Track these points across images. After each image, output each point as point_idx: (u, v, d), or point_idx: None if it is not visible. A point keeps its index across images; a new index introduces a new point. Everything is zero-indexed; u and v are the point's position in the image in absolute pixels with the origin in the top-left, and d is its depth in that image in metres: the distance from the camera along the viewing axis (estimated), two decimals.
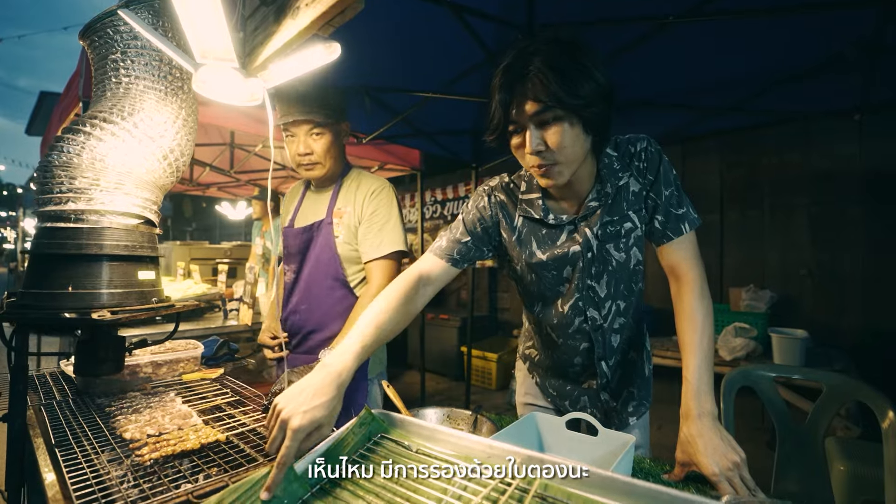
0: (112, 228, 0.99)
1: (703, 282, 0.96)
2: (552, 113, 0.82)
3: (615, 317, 1.06)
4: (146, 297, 1.03)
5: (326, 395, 0.75)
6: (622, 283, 1.03)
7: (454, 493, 0.62)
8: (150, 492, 0.77)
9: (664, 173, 0.96)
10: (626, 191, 0.98)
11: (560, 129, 0.82)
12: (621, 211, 0.98)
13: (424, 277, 1.02)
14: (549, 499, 0.59)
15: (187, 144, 1.18)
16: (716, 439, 0.79)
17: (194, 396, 1.29)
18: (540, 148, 0.84)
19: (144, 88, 1.11)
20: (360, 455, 0.75)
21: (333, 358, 0.82)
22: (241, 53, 0.83)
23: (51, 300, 0.92)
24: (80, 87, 2.05)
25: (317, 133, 1.43)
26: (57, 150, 0.98)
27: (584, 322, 1.06)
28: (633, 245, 1.01)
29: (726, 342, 2.66)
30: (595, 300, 1.04)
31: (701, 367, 0.88)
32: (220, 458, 0.91)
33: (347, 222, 1.47)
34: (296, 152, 1.44)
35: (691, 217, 0.97)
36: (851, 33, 1.78)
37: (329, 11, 0.61)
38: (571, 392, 1.16)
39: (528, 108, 0.82)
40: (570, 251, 1.00)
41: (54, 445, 0.93)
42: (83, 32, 1.14)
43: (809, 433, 1.46)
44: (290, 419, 0.71)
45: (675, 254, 0.97)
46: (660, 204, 0.97)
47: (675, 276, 0.98)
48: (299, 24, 0.67)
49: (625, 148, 0.99)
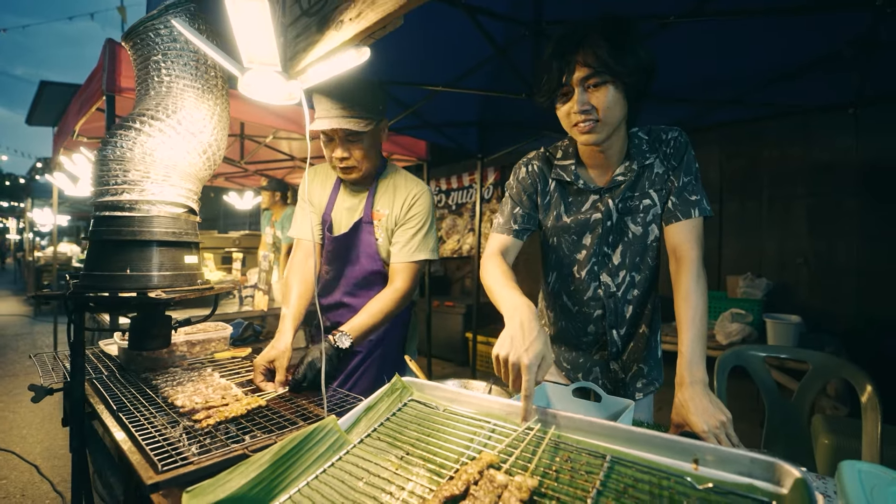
0: (161, 217, 1.09)
1: (701, 264, 1.05)
2: (600, 77, 0.95)
3: (629, 287, 1.17)
4: (192, 280, 1.14)
5: (535, 330, 0.83)
6: (637, 256, 1.14)
7: (480, 441, 0.73)
8: (210, 446, 0.88)
9: (687, 162, 1.08)
10: (650, 171, 1.10)
11: (605, 90, 0.96)
12: (643, 188, 1.10)
13: (503, 252, 1.17)
14: (562, 445, 0.70)
15: (222, 139, 1.27)
16: (705, 402, 0.89)
17: (229, 372, 1.41)
18: (586, 107, 0.97)
19: (184, 87, 1.20)
20: (394, 415, 0.86)
21: (520, 299, 0.93)
22: (282, 58, 0.92)
23: (111, 281, 1.03)
24: (103, 81, 2.13)
25: (353, 139, 1.38)
26: (111, 145, 1.07)
27: (599, 287, 1.17)
28: (650, 221, 1.12)
29: (723, 327, 2.77)
30: (609, 267, 1.16)
31: (694, 341, 0.97)
32: (265, 422, 1.02)
33: (385, 225, 1.48)
34: (332, 155, 1.40)
35: (703, 206, 1.07)
36: (848, 30, 1.86)
37: (372, 27, 0.70)
38: (584, 364, 1.25)
39: (579, 72, 0.96)
40: (591, 217, 1.14)
41: (116, 411, 1.05)
42: (126, 35, 1.22)
43: (796, 408, 1.57)
44: (520, 359, 0.78)
45: (679, 234, 1.06)
46: (676, 187, 1.07)
47: (675, 256, 1.07)
48: (343, 36, 0.76)
49: (657, 134, 1.11)
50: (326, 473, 0.71)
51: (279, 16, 0.95)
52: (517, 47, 2.08)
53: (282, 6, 0.92)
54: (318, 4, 0.82)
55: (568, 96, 1.00)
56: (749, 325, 2.75)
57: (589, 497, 0.57)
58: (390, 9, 0.66)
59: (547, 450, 0.69)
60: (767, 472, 0.56)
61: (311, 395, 1.19)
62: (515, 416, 0.78)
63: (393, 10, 0.65)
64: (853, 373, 1.47)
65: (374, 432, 0.80)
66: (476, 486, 0.60)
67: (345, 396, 1.16)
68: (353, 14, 0.73)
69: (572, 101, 0.99)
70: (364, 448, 0.76)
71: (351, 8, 0.73)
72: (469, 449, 0.71)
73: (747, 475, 0.57)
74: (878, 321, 3.01)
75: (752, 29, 1.87)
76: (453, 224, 6.09)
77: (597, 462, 0.65)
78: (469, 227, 5.87)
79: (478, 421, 0.79)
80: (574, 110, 0.99)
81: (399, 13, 0.65)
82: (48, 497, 2.45)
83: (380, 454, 0.74)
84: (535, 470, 0.63)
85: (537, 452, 0.67)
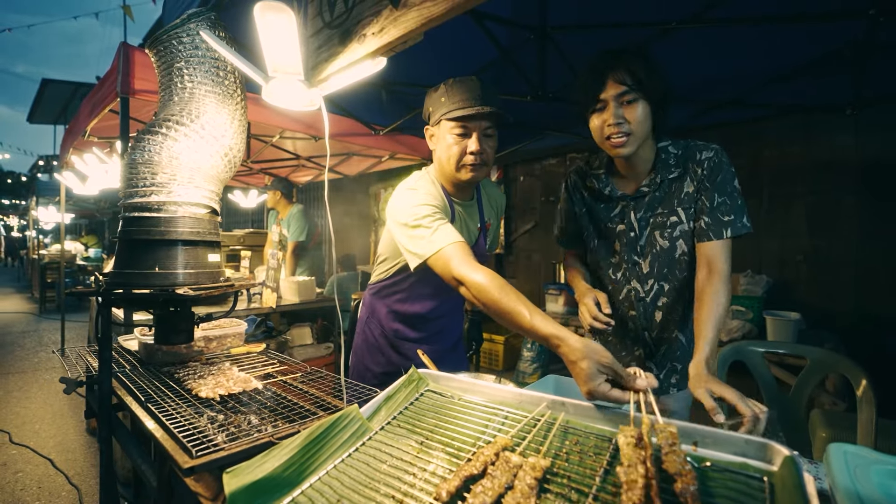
0: (187, 217, 1.14)
1: (728, 277, 1.12)
2: (634, 94, 1.07)
3: (657, 295, 1.25)
4: (215, 277, 1.19)
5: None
6: (665, 267, 1.23)
7: (494, 427, 0.78)
8: (239, 433, 0.94)
9: (721, 183, 1.14)
10: (679, 189, 1.19)
11: (637, 105, 1.08)
12: (671, 206, 1.19)
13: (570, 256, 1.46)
14: (571, 430, 0.75)
15: (241, 142, 1.32)
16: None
17: (247, 366, 1.46)
18: (620, 120, 1.09)
19: (206, 93, 1.26)
20: (412, 404, 0.91)
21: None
22: (305, 68, 0.97)
23: (140, 279, 1.08)
24: (118, 84, 2.18)
25: (490, 133, 1.29)
26: (139, 149, 1.13)
27: (630, 291, 1.28)
28: (678, 237, 1.20)
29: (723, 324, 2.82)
30: (639, 274, 1.26)
31: (714, 341, 1.04)
32: (287, 412, 1.08)
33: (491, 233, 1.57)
34: (464, 149, 1.27)
35: (737, 225, 1.13)
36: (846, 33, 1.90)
37: (394, 41, 0.75)
38: (624, 359, 1.34)
39: (614, 89, 1.08)
40: (616, 228, 1.27)
41: (144, 402, 1.10)
42: (150, 43, 1.28)
43: (794, 401, 1.63)
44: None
45: (711, 251, 1.14)
46: (709, 208, 1.15)
47: (706, 266, 1.14)
48: (366, 49, 0.81)
49: (691, 152, 1.18)
50: (352, 457, 0.76)
51: (300, 28, 1.00)
52: (522, 51, 2.13)
53: (304, 18, 0.97)
54: (341, 18, 0.87)
55: (602, 110, 1.11)
56: (749, 321, 2.80)
57: (597, 475, 0.62)
58: (412, 26, 0.71)
59: (557, 434, 0.74)
60: (760, 452, 0.62)
61: (328, 388, 1.24)
62: (527, 405, 0.84)
63: (414, 27, 0.70)
64: (849, 367, 1.52)
65: (395, 420, 0.85)
66: (493, 467, 0.65)
67: (360, 389, 1.21)
68: (375, 29, 0.78)
69: (607, 114, 1.10)
70: (385, 434, 0.82)
71: (374, 23, 0.78)
72: (484, 434, 0.77)
73: (742, 455, 0.63)
74: (876, 318, 3.06)
75: (752, 31, 1.91)
76: None
77: (604, 445, 0.70)
78: None
79: (492, 408, 0.85)
80: (609, 122, 1.10)
81: (420, 30, 0.70)
82: (64, 489, 2.52)
83: (401, 440, 0.79)
84: (547, 452, 0.68)
85: (548, 436, 0.72)
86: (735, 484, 0.58)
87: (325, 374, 1.37)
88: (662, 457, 0.59)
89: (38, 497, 2.45)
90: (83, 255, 10.08)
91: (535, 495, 0.59)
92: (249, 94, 1.44)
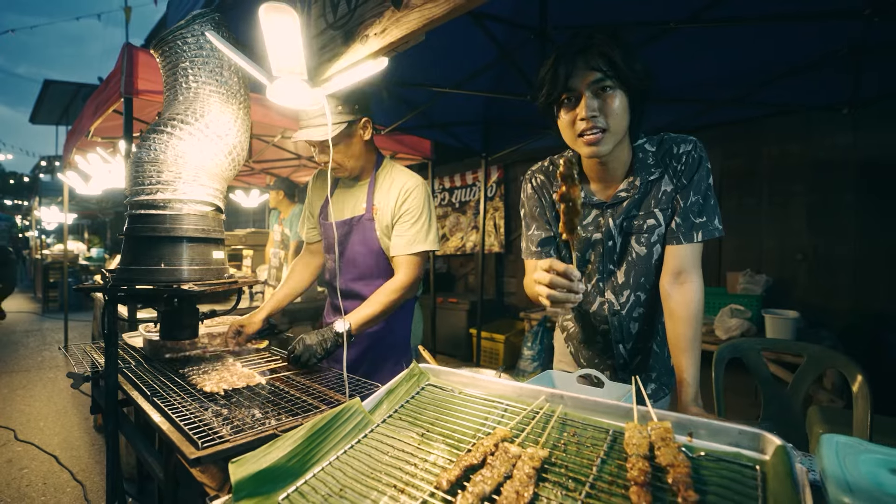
0: (192, 215, 1.16)
1: (702, 285, 1.04)
2: (609, 82, 0.92)
3: (634, 306, 1.13)
4: (219, 274, 1.21)
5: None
6: (642, 276, 1.10)
7: (494, 419, 0.80)
8: (243, 426, 0.96)
9: (697, 181, 1.02)
10: (657, 189, 1.05)
11: (615, 96, 0.93)
12: (648, 207, 1.06)
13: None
14: (569, 422, 0.77)
15: (245, 141, 1.34)
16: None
17: (250, 362, 1.48)
18: (594, 113, 0.93)
19: (210, 92, 1.28)
20: (413, 397, 0.93)
21: None
22: (308, 68, 0.99)
23: (146, 275, 1.10)
24: (122, 84, 2.20)
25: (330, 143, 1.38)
26: (145, 147, 1.14)
27: (604, 304, 1.14)
28: (655, 242, 1.07)
29: (722, 322, 2.83)
30: (614, 285, 1.13)
31: (696, 373, 0.98)
32: (290, 405, 1.10)
33: (381, 219, 1.53)
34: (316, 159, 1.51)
35: (709, 228, 1.02)
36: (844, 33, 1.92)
37: (396, 42, 0.77)
38: (599, 364, 1.25)
39: (587, 76, 0.92)
40: (592, 237, 1.11)
41: (150, 396, 1.12)
42: (155, 44, 1.29)
43: (791, 397, 1.64)
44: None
45: (679, 257, 1.04)
46: (682, 207, 1.03)
47: (674, 272, 1.05)
48: (368, 50, 0.83)
49: (668, 146, 1.05)
50: (354, 448, 0.78)
51: (305, 28, 1.02)
52: (522, 50, 2.14)
53: (308, 19, 0.99)
54: (344, 19, 0.89)
55: (572, 103, 0.96)
56: (748, 320, 2.82)
57: (594, 465, 0.64)
58: (414, 27, 0.72)
59: (555, 426, 0.76)
60: (753, 442, 0.63)
61: (330, 382, 1.26)
62: (526, 398, 0.85)
63: (416, 27, 0.72)
64: (845, 363, 1.54)
65: (396, 413, 0.87)
66: (492, 457, 0.67)
67: (362, 384, 1.23)
68: (377, 30, 0.80)
69: (580, 108, 0.93)
70: (387, 427, 0.84)
71: (376, 24, 0.80)
72: (484, 426, 0.79)
73: (735, 445, 0.65)
74: (874, 316, 3.07)
75: (751, 31, 1.93)
76: (457, 222, 6.15)
77: (600, 436, 0.72)
78: (472, 225, 5.94)
79: (491, 402, 0.86)
80: (581, 116, 0.93)
81: (422, 31, 0.72)
82: (69, 485, 2.54)
83: (402, 432, 0.81)
84: (545, 443, 0.70)
85: (547, 428, 0.74)
86: (728, 472, 0.60)
87: (326, 369, 1.39)
88: (656, 450, 0.61)
89: (43, 493, 2.48)
90: (85, 255, 10.12)
91: (533, 484, 0.60)
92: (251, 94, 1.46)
